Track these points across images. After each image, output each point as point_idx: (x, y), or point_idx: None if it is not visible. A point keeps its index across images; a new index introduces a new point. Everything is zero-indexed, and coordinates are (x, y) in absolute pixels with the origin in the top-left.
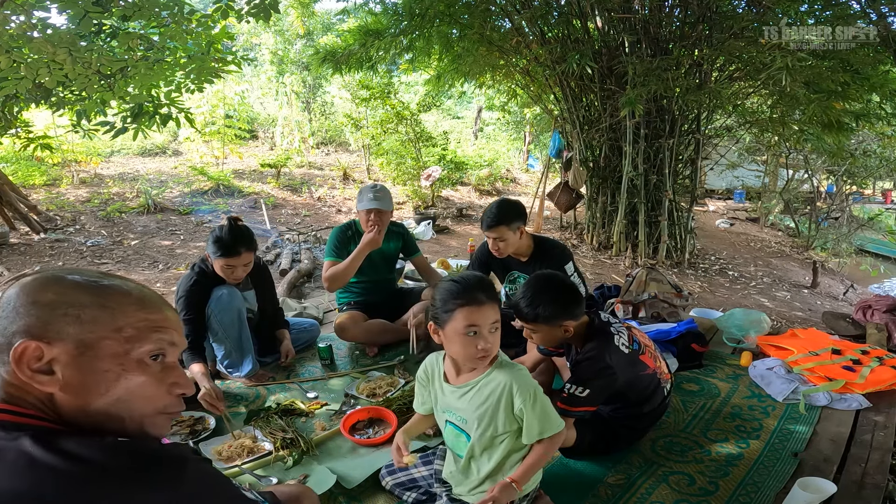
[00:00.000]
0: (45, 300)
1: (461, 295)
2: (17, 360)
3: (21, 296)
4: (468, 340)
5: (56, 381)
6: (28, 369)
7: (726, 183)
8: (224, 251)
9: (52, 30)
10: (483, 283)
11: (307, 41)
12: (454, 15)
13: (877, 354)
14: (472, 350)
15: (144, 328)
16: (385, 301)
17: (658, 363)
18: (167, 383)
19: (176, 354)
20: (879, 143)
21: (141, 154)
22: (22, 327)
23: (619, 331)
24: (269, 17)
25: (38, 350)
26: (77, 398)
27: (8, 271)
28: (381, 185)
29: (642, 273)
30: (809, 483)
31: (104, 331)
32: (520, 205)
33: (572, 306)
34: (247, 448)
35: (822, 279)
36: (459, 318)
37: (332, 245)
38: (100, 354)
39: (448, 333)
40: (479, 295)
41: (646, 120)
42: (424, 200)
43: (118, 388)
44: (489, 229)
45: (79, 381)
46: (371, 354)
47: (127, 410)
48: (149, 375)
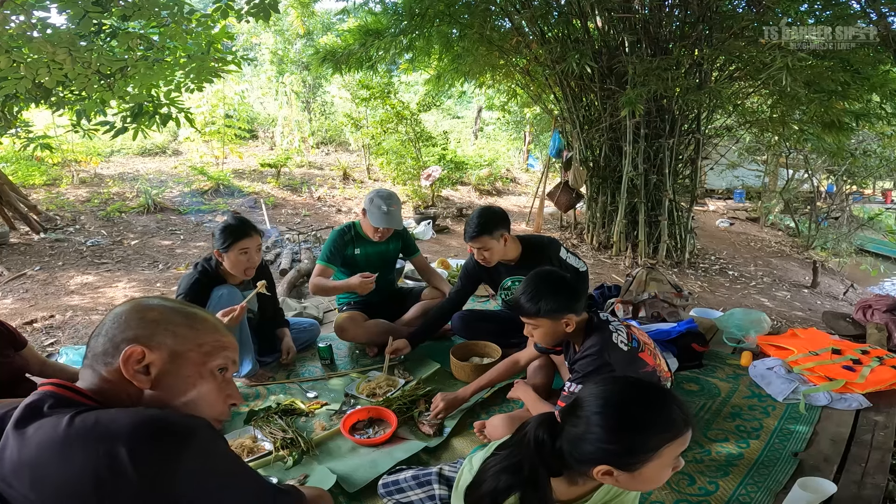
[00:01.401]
0: (151, 317)
1: (670, 426)
2: (126, 360)
3: (132, 312)
4: (669, 471)
5: (150, 380)
6: (132, 368)
7: (726, 183)
8: (237, 234)
9: (52, 30)
10: (672, 394)
11: (307, 41)
12: (454, 15)
13: (877, 354)
14: (666, 477)
15: (217, 346)
16: (385, 301)
17: (658, 361)
18: (225, 394)
19: (234, 371)
20: (879, 143)
21: (141, 154)
22: (130, 336)
23: (618, 329)
24: (268, 17)
25: (142, 354)
26: (161, 396)
27: (8, 271)
28: (395, 198)
29: (642, 273)
30: (809, 483)
31: (190, 345)
32: (501, 211)
33: (573, 300)
34: (247, 448)
35: (822, 279)
36: (669, 453)
37: (328, 250)
38: (185, 363)
39: (644, 473)
40: (680, 413)
41: (646, 120)
42: (424, 200)
43: (194, 391)
44: (472, 240)
45: (166, 382)
46: (371, 354)
47: (195, 411)
48: (215, 385)
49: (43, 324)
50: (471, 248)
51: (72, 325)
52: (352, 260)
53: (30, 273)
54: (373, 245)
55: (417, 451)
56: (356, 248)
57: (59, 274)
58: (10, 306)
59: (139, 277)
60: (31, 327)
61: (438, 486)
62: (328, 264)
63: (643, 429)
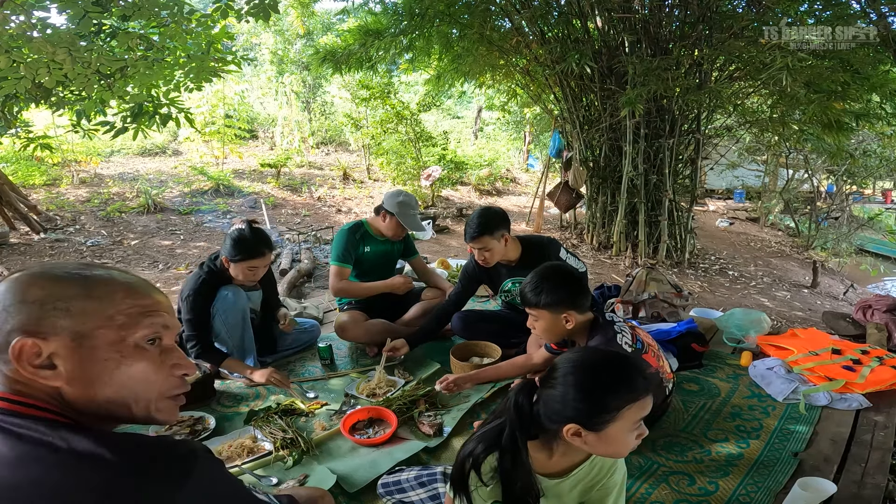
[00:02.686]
0: (32, 297)
1: (631, 388)
2: (17, 358)
3: (9, 295)
4: (631, 437)
5: (59, 375)
6: (29, 366)
7: (726, 183)
8: (249, 253)
9: (52, 30)
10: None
11: (307, 41)
12: (454, 15)
13: (877, 354)
14: (632, 443)
15: (136, 314)
16: (385, 301)
17: (661, 363)
18: (168, 365)
19: (172, 337)
20: (879, 143)
21: (141, 154)
22: (16, 325)
23: (623, 330)
24: (268, 17)
25: (36, 346)
26: (83, 390)
27: (7, 271)
28: (416, 202)
29: (642, 273)
30: (809, 483)
31: (96, 321)
32: (501, 211)
33: (576, 296)
34: (247, 448)
35: (822, 279)
36: (630, 415)
37: (342, 250)
38: (96, 344)
39: (609, 434)
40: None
41: (646, 120)
42: (424, 200)
43: (120, 375)
44: (472, 241)
45: (81, 372)
46: (371, 354)
47: (132, 397)
48: (148, 360)
49: None
50: (471, 249)
51: None
52: (360, 258)
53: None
54: (380, 244)
55: (417, 451)
56: (366, 247)
57: None
58: None
59: None
60: None
61: (443, 486)
62: (344, 264)
63: (608, 390)
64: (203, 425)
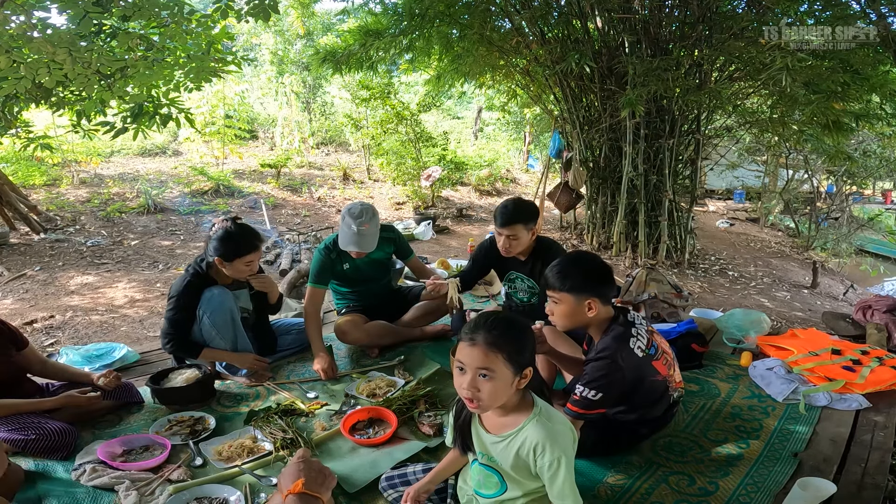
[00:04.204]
0: None
1: (466, 329)
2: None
3: None
4: (457, 375)
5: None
6: None
7: (726, 183)
8: (244, 248)
9: (52, 30)
10: (491, 325)
11: (307, 41)
12: (454, 15)
13: (877, 354)
14: (458, 385)
15: None
16: (383, 303)
17: (672, 371)
18: None
19: None
20: (879, 144)
21: (141, 154)
22: None
23: (640, 334)
24: (268, 18)
25: None
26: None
27: (8, 271)
28: (369, 213)
29: (642, 273)
30: (809, 483)
31: None
32: (535, 205)
33: (601, 285)
34: (247, 448)
35: (822, 279)
36: (458, 350)
37: (314, 272)
38: None
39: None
40: (478, 334)
41: (646, 120)
42: (424, 201)
43: None
44: (505, 226)
45: None
46: (373, 356)
47: None
48: None
49: (43, 324)
50: (498, 233)
51: (72, 325)
52: (342, 275)
53: (30, 273)
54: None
55: (417, 452)
56: (345, 264)
57: (59, 274)
58: (10, 306)
59: (139, 278)
60: (31, 327)
61: (451, 478)
62: (317, 285)
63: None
64: (203, 425)
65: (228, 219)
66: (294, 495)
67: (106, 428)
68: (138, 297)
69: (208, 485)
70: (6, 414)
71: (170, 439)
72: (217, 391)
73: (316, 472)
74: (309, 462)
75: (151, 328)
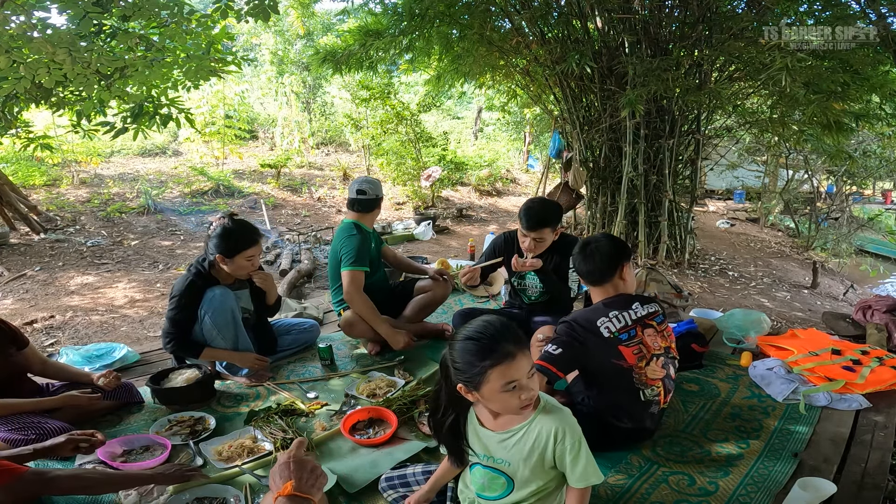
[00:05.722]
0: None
1: (489, 354)
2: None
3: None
4: (509, 396)
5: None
6: None
7: (726, 183)
8: (244, 243)
9: (52, 30)
10: (507, 333)
11: (307, 41)
12: (454, 15)
13: (877, 354)
14: (514, 403)
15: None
16: (384, 299)
17: (643, 364)
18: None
19: None
20: (879, 144)
21: (141, 154)
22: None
23: (615, 317)
24: (268, 18)
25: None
26: None
27: (8, 271)
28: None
29: (642, 273)
30: (809, 483)
31: None
32: (559, 205)
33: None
34: (247, 448)
35: (822, 279)
36: (495, 378)
37: (356, 254)
38: None
39: (485, 394)
40: (509, 348)
41: (646, 120)
42: (424, 201)
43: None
44: (533, 230)
45: None
46: (373, 353)
47: None
48: None
49: (43, 324)
50: (524, 234)
51: (72, 325)
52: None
53: (30, 273)
54: (370, 239)
55: (417, 452)
56: (371, 243)
57: (60, 274)
58: (10, 306)
59: (139, 278)
60: (31, 327)
61: (451, 481)
62: (359, 267)
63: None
64: (203, 425)
65: (226, 216)
66: (284, 497)
67: (106, 428)
68: (138, 298)
69: (208, 485)
70: (6, 414)
71: (170, 439)
72: (217, 391)
73: (307, 472)
74: (300, 462)
75: (151, 328)
